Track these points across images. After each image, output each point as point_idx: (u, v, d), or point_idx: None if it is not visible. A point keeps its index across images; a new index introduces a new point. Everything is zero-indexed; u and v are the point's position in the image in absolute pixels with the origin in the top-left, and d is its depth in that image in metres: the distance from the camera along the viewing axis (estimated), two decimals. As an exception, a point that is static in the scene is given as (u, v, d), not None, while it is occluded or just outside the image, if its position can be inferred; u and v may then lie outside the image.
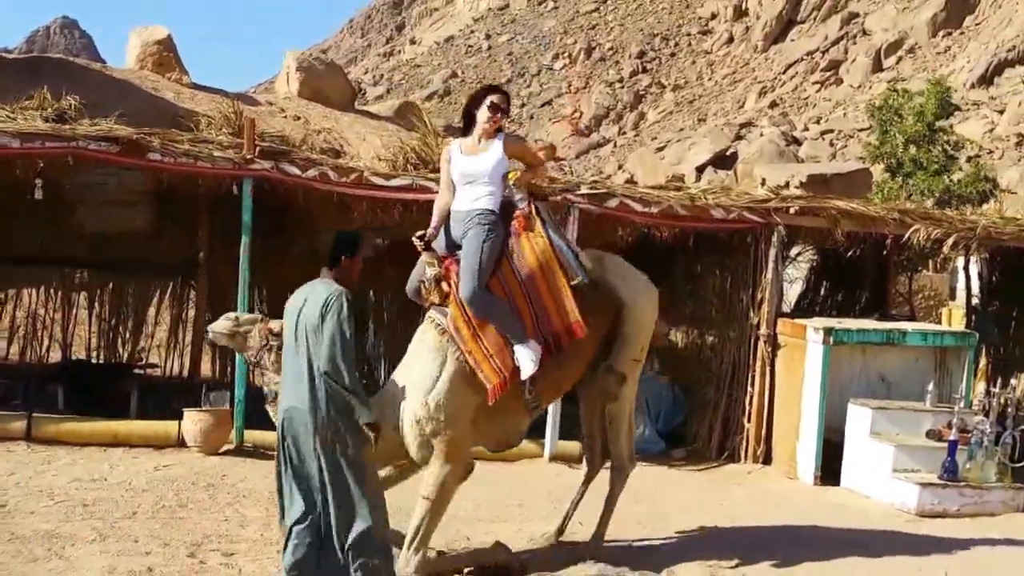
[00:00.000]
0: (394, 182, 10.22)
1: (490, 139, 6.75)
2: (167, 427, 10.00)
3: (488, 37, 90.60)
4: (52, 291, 13.18)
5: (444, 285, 6.59)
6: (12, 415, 9.96)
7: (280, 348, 6.28)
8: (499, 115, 6.76)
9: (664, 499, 9.28)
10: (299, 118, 20.15)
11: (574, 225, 10.38)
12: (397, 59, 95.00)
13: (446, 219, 6.76)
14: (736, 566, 7.18)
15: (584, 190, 10.54)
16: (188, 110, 16.81)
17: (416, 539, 6.39)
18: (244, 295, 10.29)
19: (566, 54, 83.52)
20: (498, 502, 8.79)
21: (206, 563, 6.65)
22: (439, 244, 6.74)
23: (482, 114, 6.75)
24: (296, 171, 10.11)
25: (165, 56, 21.84)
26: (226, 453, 9.84)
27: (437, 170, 10.56)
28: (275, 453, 6.00)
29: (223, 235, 11.10)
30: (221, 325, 6.61)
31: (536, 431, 9.49)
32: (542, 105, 76.93)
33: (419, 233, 6.74)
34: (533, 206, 6.77)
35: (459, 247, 6.62)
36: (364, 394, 5.86)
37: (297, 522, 5.81)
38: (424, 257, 6.69)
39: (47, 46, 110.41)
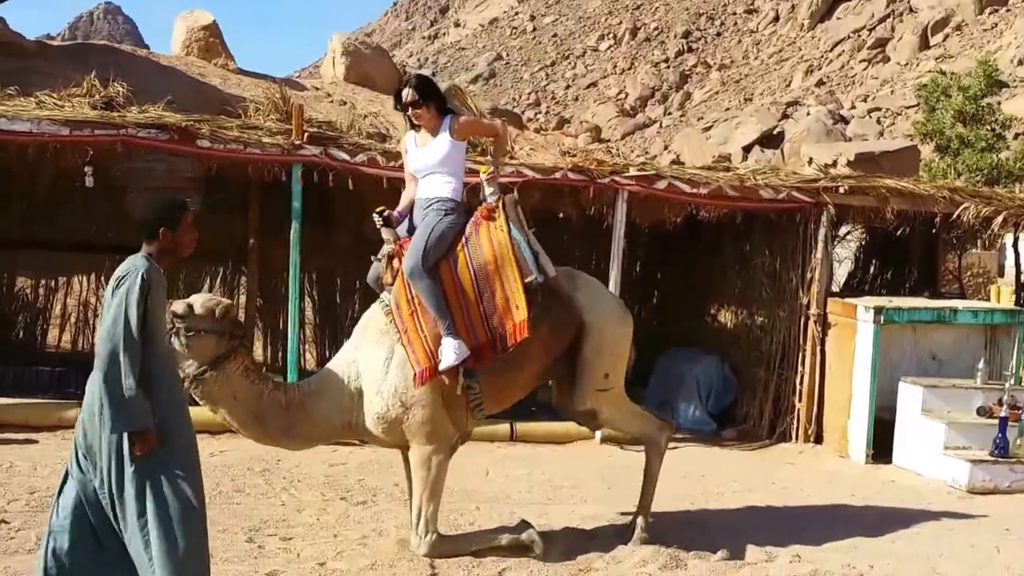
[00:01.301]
0: (442, 166, 10.21)
1: (435, 127, 6.63)
2: (221, 412, 10.05)
3: (532, 19, 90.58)
4: (103, 278, 13.26)
5: (395, 262, 6.51)
6: (66, 403, 9.96)
7: (188, 330, 6.00)
8: (411, 110, 6.61)
9: (715, 479, 9.29)
10: (345, 102, 20.23)
11: (622, 207, 10.38)
12: (442, 42, 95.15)
13: (410, 207, 6.72)
14: (789, 545, 7.15)
15: (632, 172, 10.53)
16: (235, 96, 16.93)
17: (420, 522, 6.43)
18: (295, 281, 10.37)
19: (611, 35, 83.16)
20: (551, 483, 8.83)
21: (264, 548, 6.67)
22: (402, 228, 6.66)
23: (406, 113, 6.67)
24: (345, 156, 10.16)
25: (211, 42, 21.96)
26: (279, 437, 9.89)
27: (484, 152, 10.67)
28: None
29: (273, 221, 11.17)
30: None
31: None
32: (587, 86, 76.68)
33: (379, 208, 6.67)
34: (501, 200, 6.58)
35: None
36: (133, 397, 4.76)
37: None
38: (383, 233, 6.63)
39: (90, 32, 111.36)
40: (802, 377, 10.96)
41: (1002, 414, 9.48)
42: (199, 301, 6.13)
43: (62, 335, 13.34)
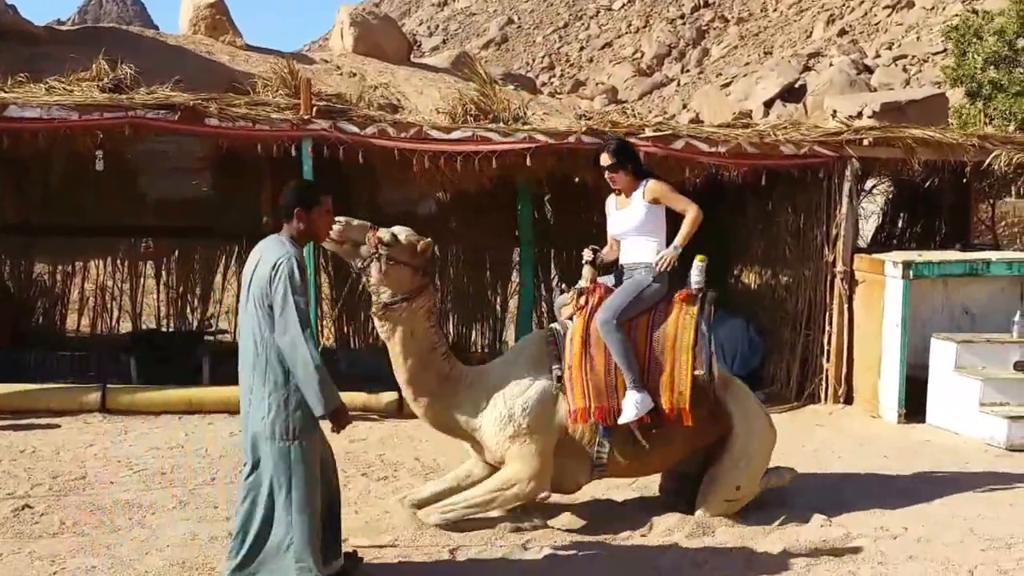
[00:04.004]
0: (454, 135, 10.05)
1: (632, 190, 6.80)
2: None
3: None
4: (119, 261, 13.22)
5: (582, 299, 6.65)
6: (87, 387, 10.05)
7: (388, 259, 6.17)
8: (609, 175, 6.83)
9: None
10: (355, 74, 20.08)
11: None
12: (452, 8, 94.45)
13: (612, 260, 6.96)
14: (820, 509, 6.99)
15: (649, 132, 10.29)
16: (244, 72, 16.80)
17: (445, 514, 6.49)
18: (309, 257, 10.24)
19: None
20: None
21: (284, 526, 6.62)
22: (607, 277, 6.88)
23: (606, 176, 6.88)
24: (354, 129, 10.01)
25: (218, 19, 21.90)
26: (299, 415, 9.81)
27: (497, 120, 10.50)
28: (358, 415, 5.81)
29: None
30: (333, 230, 6.18)
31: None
32: (602, 47, 76.09)
33: (592, 247, 6.88)
34: (702, 292, 6.68)
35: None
36: (326, 380, 5.08)
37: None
38: (584, 270, 6.82)
39: (100, 15, 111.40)
40: (830, 337, 10.75)
41: (1040, 368, 9.25)
42: (403, 233, 6.31)
43: (81, 319, 13.33)
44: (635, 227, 6.77)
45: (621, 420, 6.44)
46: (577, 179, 10.95)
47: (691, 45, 71.74)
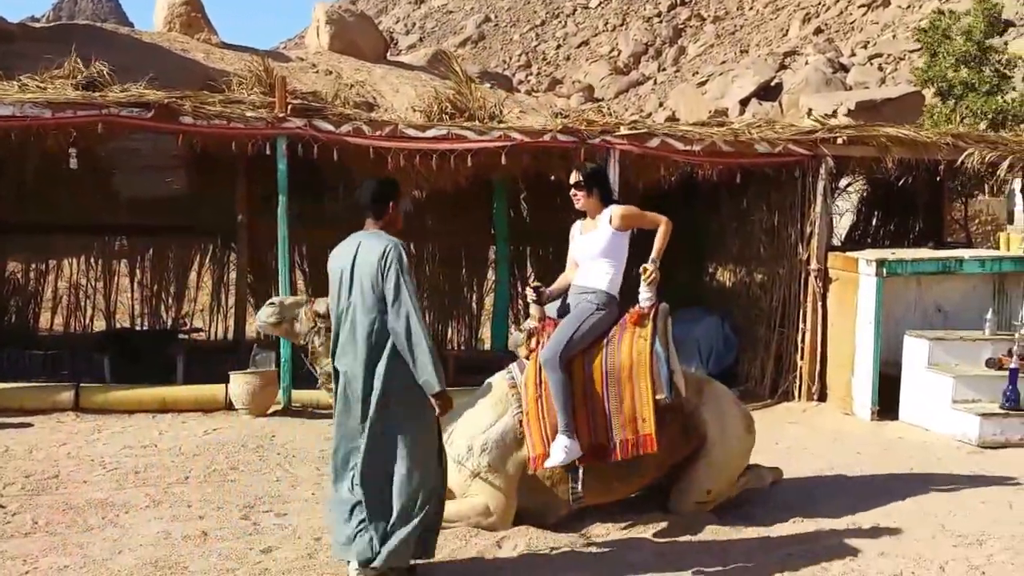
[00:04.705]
0: (429, 133, 10.05)
1: (598, 216, 6.63)
2: (214, 391, 9.99)
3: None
4: (93, 260, 13.16)
5: (533, 341, 6.57)
6: (60, 386, 10.02)
7: (328, 330, 6.15)
8: (574, 191, 6.67)
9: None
10: (331, 72, 20.03)
11: (615, 167, 10.18)
12: (428, 6, 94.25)
13: (565, 289, 6.75)
14: (793, 506, 7.03)
15: (624, 131, 10.32)
16: (219, 70, 16.73)
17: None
18: (284, 255, 10.21)
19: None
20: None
21: (260, 524, 6.62)
22: (552, 308, 6.73)
23: (571, 195, 6.73)
24: (329, 127, 9.98)
25: (193, 16, 21.82)
26: (274, 414, 9.84)
27: (473, 118, 10.50)
28: (330, 414, 5.84)
29: (261, 196, 11.03)
30: (266, 314, 6.55)
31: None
32: (579, 45, 76.12)
33: (536, 284, 6.76)
34: (655, 309, 6.54)
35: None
36: (438, 362, 5.44)
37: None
38: (531, 309, 6.73)
39: (75, 12, 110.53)
40: (804, 334, 10.81)
41: (1012, 365, 9.31)
42: (319, 301, 6.45)
43: (54, 318, 13.26)
44: (598, 252, 6.57)
45: (548, 464, 6.34)
46: (553, 177, 10.97)
47: (668, 43, 71.83)
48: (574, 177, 6.67)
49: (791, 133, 10.75)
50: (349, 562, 5.56)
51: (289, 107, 9.96)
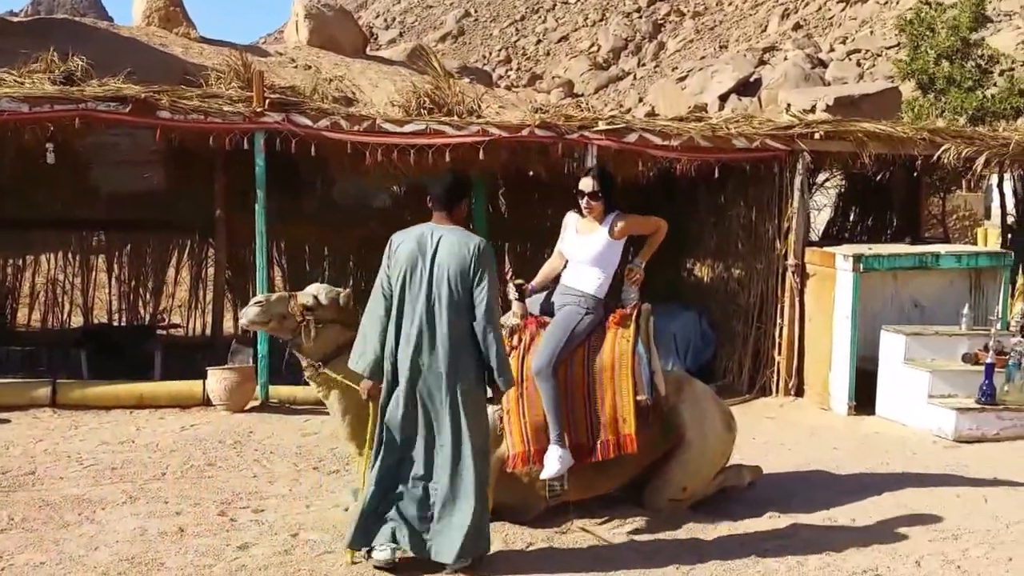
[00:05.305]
0: (407, 128, 10.01)
1: (599, 221, 6.64)
2: (192, 387, 9.94)
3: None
4: (71, 255, 13.08)
5: (515, 339, 6.56)
6: (37, 382, 9.95)
7: (317, 321, 6.23)
8: (588, 201, 6.62)
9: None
10: (310, 67, 19.98)
11: (592, 163, 10.17)
12: (408, 0, 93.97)
13: (549, 281, 6.80)
14: (769, 501, 7.08)
15: (602, 126, 10.29)
16: (197, 65, 16.64)
17: None
18: (262, 250, 10.17)
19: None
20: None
21: (236, 520, 6.61)
22: (533, 301, 6.74)
23: (580, 200, 6.67)
24: (307, 122, 9.93)
25: (172, 11, 21.73)
26: (252, 410, 9.77)
27: (451, 113, 10.47)
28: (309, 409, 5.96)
29: (240, 191, 10.99)
30: (252, 312, 6.47)
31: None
32: (559, 40, 76.05)
33: (518, 281, 6.76)
34: (637, 309, 6.61)
35: (549, 312, 6.65)
36: (507, 358, 5.75)
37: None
38: (513, 305, 6.71)
39: (54, 7, 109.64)
40: (781, 329, 10.83)
41: (988, 360, 9.35)
42: (323, 292, 6.39)
43: (31, 314, 13.18)
44: (592, 257, 6.61)
45: (543, 476, 6.37)
46: (532, 172, 10.95)
47: (647, 39, 71.79)
48: (590, 186, 6.62)
49: (768, 128, 10.75)
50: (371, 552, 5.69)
51: (267, 102, 9.91)
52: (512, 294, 6.70)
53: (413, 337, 5.62)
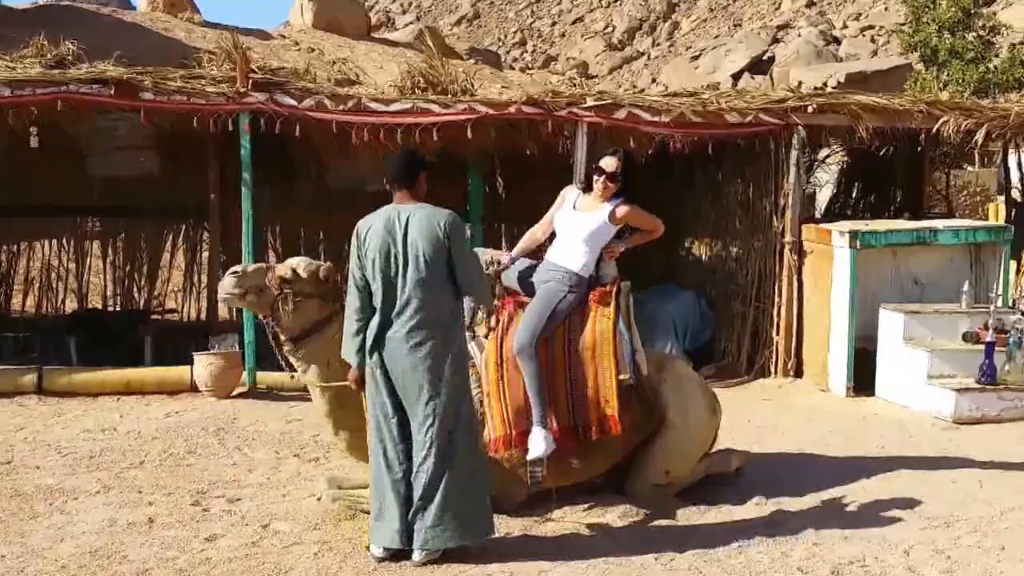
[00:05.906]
0: (393, 107, 9.84)
1: (604, 202, 6.46)
2: (180, 372, 9.83)
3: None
4: (65, 241, 13.00)
5: (492, 319, 6.42)
6: (23, 369, 9.86)
7: (296, 295, 6.06)
8: (606, 181, 6.43)
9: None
10: (313, 50, 19.82)
11: (583, 140, 9.98)
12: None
13: (527, 251, 6.68)
14: (760, 487, 6.86)
15: (590, 102, 10.07)
16: (199, 49, 16.51)
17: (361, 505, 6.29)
18: (249, 233, 10.05)
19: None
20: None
21: (209, 510, 6.47)
22: (509, 275, 6.59)
23: (597, 177, 6.48)
24: (291, 102, 9.78)
25: (178, -3, 21.72)
26: (239, 396, 9.68)
27: (444, 92, 10.29)
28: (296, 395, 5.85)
29: (233, 176, 10.86)
30: (228, 284, 6.21)
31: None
32: (574, 21, 75.64)
33: (498, 259, 6.63)
34: (617, 287, 6.45)
35: (528, 289, 6.49)
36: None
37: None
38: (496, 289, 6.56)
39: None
40: (779, 309, 10.62)
41: (988, 339, 9.09)
42: (302, 264, 6.21)
43: (26, 300, 13.11)
44: (585, 236, 6.43)
45: (530, 457, 6.18)
46: (528, 152, 10.75)
47: (662, 18, 71.18)
48: (613, 165, 6.44)
49: (761, 102, 10.53)
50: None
51: (250, 81, 9.77)
52: (490, 272, 6.52)
53: (392, 317, 5.51)
